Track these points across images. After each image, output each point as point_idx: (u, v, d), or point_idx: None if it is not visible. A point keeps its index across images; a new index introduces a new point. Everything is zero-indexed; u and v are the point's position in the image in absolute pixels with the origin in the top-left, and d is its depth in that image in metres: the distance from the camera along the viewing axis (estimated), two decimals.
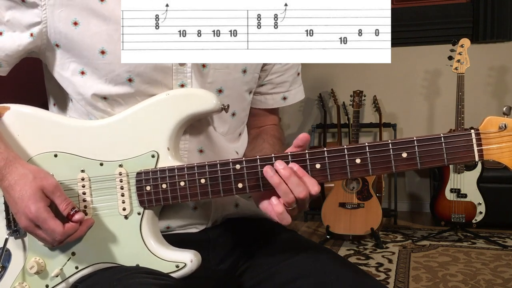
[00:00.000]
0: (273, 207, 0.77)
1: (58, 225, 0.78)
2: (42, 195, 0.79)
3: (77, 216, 0.80)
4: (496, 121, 0.72)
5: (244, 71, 0.95)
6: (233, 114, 0.97)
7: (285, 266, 0.88)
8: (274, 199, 0.77)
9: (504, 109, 0.74)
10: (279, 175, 0.76)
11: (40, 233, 0.80)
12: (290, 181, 0.75)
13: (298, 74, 1.08)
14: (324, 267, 0.85)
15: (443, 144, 0.74)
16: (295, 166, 0.77)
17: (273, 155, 0.79)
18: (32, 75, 1.12)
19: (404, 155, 0.75)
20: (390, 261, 2.78)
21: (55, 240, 0.80)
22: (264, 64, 1.01)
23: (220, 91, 0.92)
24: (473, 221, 3.07)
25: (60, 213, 0.80)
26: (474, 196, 3.07)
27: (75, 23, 0.85)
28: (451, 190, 3.10)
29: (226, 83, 0.93)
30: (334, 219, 3.15)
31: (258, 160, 0.79)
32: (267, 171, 0.77)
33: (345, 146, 0.77)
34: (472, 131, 0.73)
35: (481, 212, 3.06)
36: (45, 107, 1.01)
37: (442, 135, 0.74)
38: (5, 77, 0.93)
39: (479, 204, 3.06)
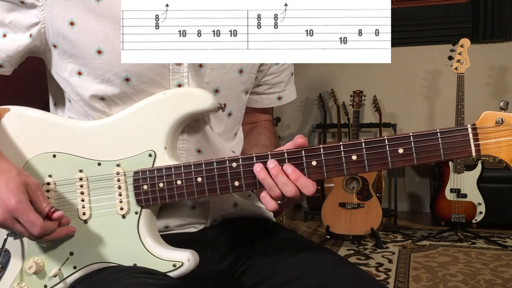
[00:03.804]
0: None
1: (38, 218, 0.77)
2: (24, 190, 0.78)
3: (56, 214, 0.80)
4: (493, 116, 0.71)
5: (241, 71, 0.95)
6: (229, 114, 0.97)
7: (285, 266, 0.87)
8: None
9: (501, 103, 0.72)
10: (267, 171, 0.77)
11: (18, 227, 0.78)
12: (278, 179, 0.76)
13: (292, 74, 1.09)
14: (324, 267, 0.85)
15: (440, 139, 0.73)
16: (289, 169, 0.77)
17: (269, 152, 0.79)
18: (35, 75, 1.12)
19: (401, 151, 0.74)
20: (390, 261, 2.78)
21: (32, 235, 0.78)
22: (261, 65, 1.01)
23: (216, 91, 0.92)
24: (473, 221, 3.07)
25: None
26: (474, 196, 3.07)
27: (72, 23, 0.85)
28: (451, 190, 3.10)
29: (223, 83, 0.93)
30: (334, 219, 3.15)
31: (254, 158, 0.79)
32: (255, 166, 0.78)
33: (341, 143, 0.77)
34: (469, 126, 0.72)
35: (481, 212, 3.06)
36: (47, 106, 1.01)
37: (438, 130, 0.73)
38: (9, 76, 0.93)
39: (479, 204, 3.06)
